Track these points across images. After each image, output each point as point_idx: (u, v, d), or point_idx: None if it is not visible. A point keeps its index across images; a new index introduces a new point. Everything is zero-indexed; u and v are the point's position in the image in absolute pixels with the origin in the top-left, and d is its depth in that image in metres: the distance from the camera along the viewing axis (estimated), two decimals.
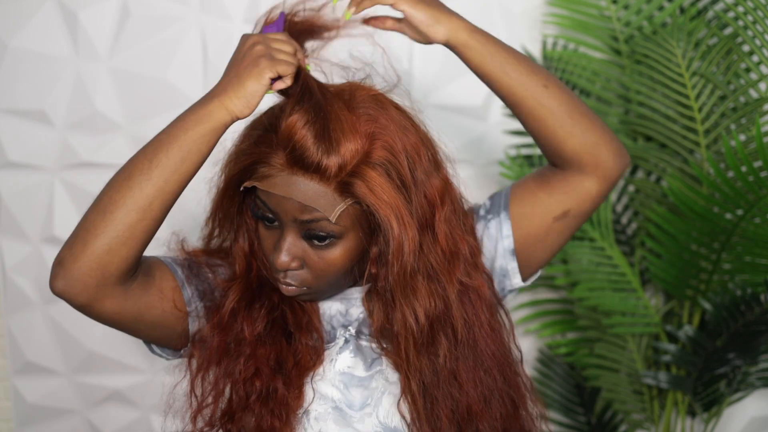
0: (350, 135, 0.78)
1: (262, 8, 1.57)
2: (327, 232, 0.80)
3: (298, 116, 0.77)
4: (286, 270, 0.83)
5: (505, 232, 0.93)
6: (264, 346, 0.88)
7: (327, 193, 0.79)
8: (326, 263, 0.82)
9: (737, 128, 1.37)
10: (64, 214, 1.63)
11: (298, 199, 0.78)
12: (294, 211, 0.80)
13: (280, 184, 0.79)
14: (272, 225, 0.83)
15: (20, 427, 1.73)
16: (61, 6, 1.56)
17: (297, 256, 0.82)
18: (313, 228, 0.80)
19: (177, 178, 0.78)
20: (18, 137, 1.60)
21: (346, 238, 0.82)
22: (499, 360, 0.92)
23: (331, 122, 0.78)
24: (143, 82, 1.59)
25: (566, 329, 1.68)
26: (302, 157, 0.78)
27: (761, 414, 1.72)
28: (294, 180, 0.79)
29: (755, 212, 1.28)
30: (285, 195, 0.79)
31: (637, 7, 1.54)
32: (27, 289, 1.67)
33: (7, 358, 1.71)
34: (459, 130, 1.66)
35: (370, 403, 0.90)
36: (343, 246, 0.82)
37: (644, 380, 1.53)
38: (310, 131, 0.77)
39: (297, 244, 0.82)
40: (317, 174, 0.78)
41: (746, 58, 1.33)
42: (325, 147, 0.77)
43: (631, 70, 1.51)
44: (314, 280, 0.84)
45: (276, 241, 0.83)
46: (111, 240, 0.77)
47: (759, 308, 1.35)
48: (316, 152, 0.77)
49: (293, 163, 0.78)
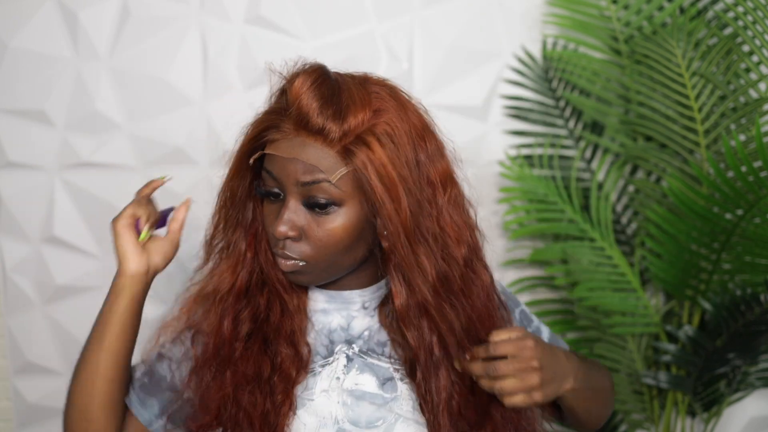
0: (359, 105, 0.81)
1: (262, 8, 1.58)
2: (328, 197, 0.81)
3: (304, 78, 0.81)
4: (284, 239, 0.83)
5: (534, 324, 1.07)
6: (245, 359, 0.89)
7: (330, 155, 0.80)
8: (326, 233, 0.83)
9: (737, 128, 1.37)
10: (64, 214, 1.63)
11: (301, 158, 0.80)
12: (296, 173, 0.81)
13: (285, 146, 0.81)
14: (276, 200, 0.85)
15: (20, 427, 1.73)
16: (61, 6, 1.56)
17: (297, 225, 0.83)
18: (314, 192, 0.81)
19: (126, 344, 0.91)
20: (18, 137, 1.60)
21: (347, 207, 0.82)
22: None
23: (342, 91, 0.81)
24: (143, 82, 1.59)
25: (566, 329, 1.68)
26: (307, 118, 0.80)
27: (761, 414, 1.72)
28: (299, 142, 0.81)
29: (755, 212, 1.28)
30: (288, 156, 0.81)
31: (637, 7, 1.54)
32: (27, 289, 1.67)
33: (7, 358, 1.71)
34: (459, 130, 1.65)
35: (380, 426, 0.89)
36: (343, 216, 0.83)
37: (644, 380, 1.53)
38: (316, 94, 0.80)
39: (298, 213, 0.83)
40: (321, 136, 0.80)
41: (746, 58, 1.33)
42: (331, 111, 0.80)
43: (631, 70, 1.51)
44: (312, 252, 0.84)
45: (278, 212, 0.84)
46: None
47: (759, 308, 1.35)
48: (321, 115, 0.80)
49: (299, 125, 0.81)
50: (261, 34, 1.59)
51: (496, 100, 1.66)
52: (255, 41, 1.59)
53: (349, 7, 1.60)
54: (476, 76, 1.64)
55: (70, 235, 1.64)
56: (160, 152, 1.61)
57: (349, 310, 0.93)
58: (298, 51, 1.60)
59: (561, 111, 1.65)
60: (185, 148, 1.61)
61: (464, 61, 1.63)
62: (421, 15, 1.61)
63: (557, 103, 1.65)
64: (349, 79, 0.85)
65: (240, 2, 1.58)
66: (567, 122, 1.65)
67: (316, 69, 0.83)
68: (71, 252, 1.65)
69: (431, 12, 1.61)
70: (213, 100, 1.60)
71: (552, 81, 1.64)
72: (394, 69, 1.61)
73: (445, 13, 1.61)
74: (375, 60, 1.61)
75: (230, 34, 1.58)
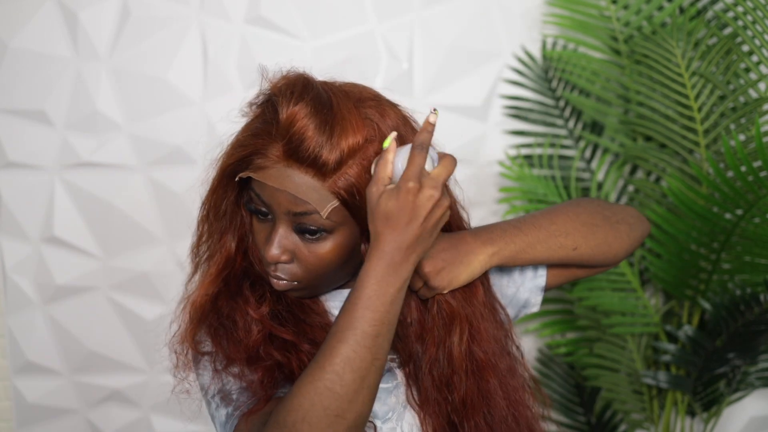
0: (351, 133, 0.79)
1: (262, 8, 1.58)
2: (318, 226, 0.80)
3: (300, 107, 0.78)
4: (276, 263, 0.83)
5: (540, 271, 0.98)
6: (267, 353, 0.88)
7: (320, 187, 0.79)
8: (316, 257, 0.82)
9: (737, 128, 1.37)
10: (64, 214, 1.64)
11: (291, 191, 0.79)
12: (287, 203, 0.80)
13: (275, 175, 0.79)
14: (265, 219, 0.84)
15: (20, 427, 1.73)
16: (61, 6, 1.56)
17: (288, 249, 0.82)
18: (304, 221, 0.80)
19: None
20: (18, 137, 1.60)
21: (338, 234, 0.82)
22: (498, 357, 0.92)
23: (336, 118, 0.78)
24: (143, 82, 1.59)
25: (566, 329, 1.68)
26: (299, 148, 0.78)
27: (761, 414, 1.72)
28: (288, 173, 0.79)
29: (755, 212, 1.28)
30: (278, 187, 0.79)
31: (637, 7, 1.54)
32: (27, 289, 1.67)
33: (7, 358, 1.71)
34: (459, 130, 1.66)
35: (392, 417, 0.89)
36: (334, 241, 0.82)
37: (644, 380, 1.53)
38: (311, 123, 0.77)
39: (288, 237, 0.82)
40: (312, 168, 0.78)
41: (746, 58, 1.33)
42: (324, 140, 0.78)
43: (630, 70, 1.51)
44: (304, 274, 0.84)
45: (268, 234, 0.83)
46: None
47: (759, 308, 1.35)
48: (314, 145, 0.77)
49: (289, 155, 0.79)
50: (261, 34, 1.59)
51: (496, 100, 1.66)
52: (255, 41, 1.59)
53: (349, 7, 1.60)
54: (476, 76, 1.64)
55: (70, 235, 1.64)
56: (159, 152, 1.61)
57: None
58: (298, 51, 1.61)
59: (561, 111, 1.65)
60: (185, 147, 1.61)
61: (464, 61, 1.63)
62: (421, 15, 1.61)
63: (557, 102, 1.65)
64: (342, 98, 0.81)
65: (240, 2, 1.58)
66: (567, 122, 1.65)
67: (311, 96, 0.79)
68: (71, 252, 1.65)
69: (431, 12, 1.61)
70: (213, 100, 1.60)
71: (552, 81, 1.64)
72: (394, 69, 1.61)
73: (445, 13, 1.61)
74: (375, 60, 1.61)
75: (230, 34, 1.58)
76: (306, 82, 0.81)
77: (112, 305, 1.66)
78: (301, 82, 0.81)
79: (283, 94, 0.80)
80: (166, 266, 1.67)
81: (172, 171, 1.63)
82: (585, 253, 0.92)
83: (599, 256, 0.93)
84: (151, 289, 1.67)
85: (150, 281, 1.67)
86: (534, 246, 0.89)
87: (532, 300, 0.99)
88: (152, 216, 1.65)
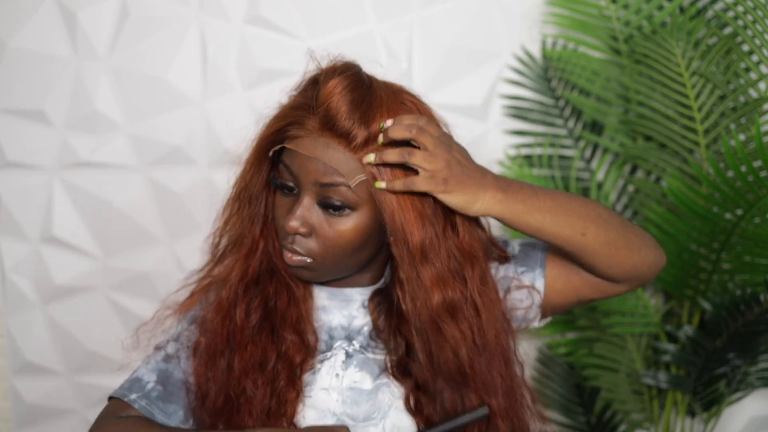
0: (386, 113, 0.82)
1: (262, 8, 1.58)
2: (343, 200, 0.82)
3: (338, 81, 0.81)
4: (294, 234, 0.84)
5: (538, 287, 0.96)
6: (254, 346, 0.89)
7: (351, 160, 0.81)
8: (336, 234, 0.83)
9: (737, 128, 1.37)
10: (64, 214, 1.63)
11: (322, 159, 0.81)
12: (316, 173, 0.81)
13: (308, 144, 0.81)
14: (290, 193, 0.85)
15: (20, 427, 1.73)
16: (60, 6, 1.56)
17: (308, 222, 0.83)
18: (330, 194, 0.82)
19: None
20: (17, 137, 1.60)
21: (360, 212, 0.83)
22: (504, 362, 0.92)
23: (373, 98, 0.82)
24: (143, 82, 1.59)
25: (566, 329, 1.68)
26: (334, 120, 0.80)
27: (761, 414, 1.72)
28: (322, 142, 0.81)
29: (755, 212, 1.28)
30: (309, 155, 0.81)
31: (637, 6, 1.54)
32: (26, 289, 1.67)
33: (7, 358, 1.71)
34: (459, 130, 1.66)
35: (376, 417, 0.90)
36: (355, 219, 0.83)
37: (644, 380, 1.53)
38: (346, 97, 0.80)
39: (311, 210, 0.83)
40: (345, 140, 0.81)
41: (746, 57, 1.33)
42: (359, 116, 0.80)
43: (630, 70, 1.51)
44: (320, 251, 0.85)
45: (291, 207, 0.84)
46: None
47: (759, 308, 1.35)
48: (348, 118, 0.80)
49: (324, 126, 0.81)
50: (260, 34, 1.59)
51: (496, 99, 1.66)
52: (254, 41, 1.59)
53: (348, 7, 1.60)
54: (476, 76, 1.64)
55: (69, 235, 1.64)
56: (159, 152, 1.61)
57: (349, 309, 0.94)
58: (297, 51, 1.61)
59: (560, 111, 1.65)
60: (184, 147, 1.61)
61: (464, 61, 1.63)
62: (421, 15, 1.61)
63: (557, 102, 1.64)
64: (383, 86, 0.86)
65: (239, 2, 1.58)
66: (566, 122, 1.65)
67: (351, 73, 0.83)
68: (70, 252, 1.65)
69: (431, 12, 1.61)
70: (212, 100, 1.60)
71: (551, 81, 1.64)
72: (394, 69, 1.61)
73: (445, 13, 1.61)
74: (374, 60, 1.61)
75: (229, 34, 1.58)
76: (350, 63, 0.85)
77: (112, 305, 1.66)
78: (345, 63, 0.85)
79: (326, 72, 0.83)
80: (166, 266, 1.67)
81: (171, 171, 1.63)
82: (591, 244, 0.88)
83: (604, 256, 0.89)
84: (150, 290, 1.66)
85: (150, 281, 1.66)
86: (543, 212, 0.86)
87: (530, 317, 0.98)
88: (152, 216, 1.64)
